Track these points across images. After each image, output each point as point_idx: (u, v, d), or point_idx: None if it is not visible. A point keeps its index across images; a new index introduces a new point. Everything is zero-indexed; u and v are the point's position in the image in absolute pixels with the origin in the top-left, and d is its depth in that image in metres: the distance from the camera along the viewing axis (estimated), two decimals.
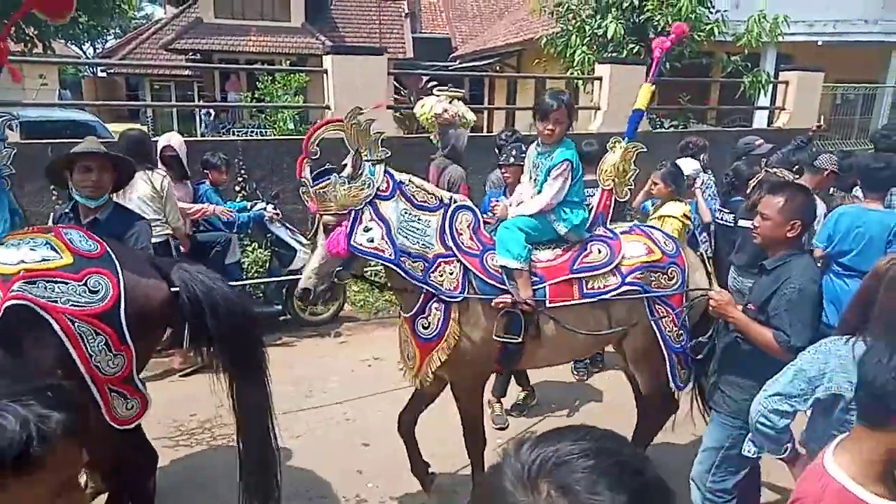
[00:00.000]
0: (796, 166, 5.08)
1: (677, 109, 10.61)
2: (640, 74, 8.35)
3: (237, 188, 6.41)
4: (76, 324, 2.37)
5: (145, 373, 2.78)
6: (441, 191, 3.13)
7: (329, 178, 2.84)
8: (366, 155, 2.89)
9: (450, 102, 4.97)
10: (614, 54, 9.37)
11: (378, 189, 2.90)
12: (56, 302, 2.36)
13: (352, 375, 5.06)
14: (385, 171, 2.94)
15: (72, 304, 2.38)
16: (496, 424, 4.36)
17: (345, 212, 2.86)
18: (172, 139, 5.33)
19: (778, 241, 2.66)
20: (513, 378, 4.53)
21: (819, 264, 3.76)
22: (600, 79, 8.53)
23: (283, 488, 3.56)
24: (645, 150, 3.64)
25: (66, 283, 2.40)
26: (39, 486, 0.93)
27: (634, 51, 9.52)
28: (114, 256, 2.56)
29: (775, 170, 4.72)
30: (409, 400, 3.43)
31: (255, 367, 2.86)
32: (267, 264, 6.11)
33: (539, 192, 3.18)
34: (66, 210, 3.35)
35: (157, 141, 5.41)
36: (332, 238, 2.86)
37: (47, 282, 2.37)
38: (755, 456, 2.47)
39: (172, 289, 2.72)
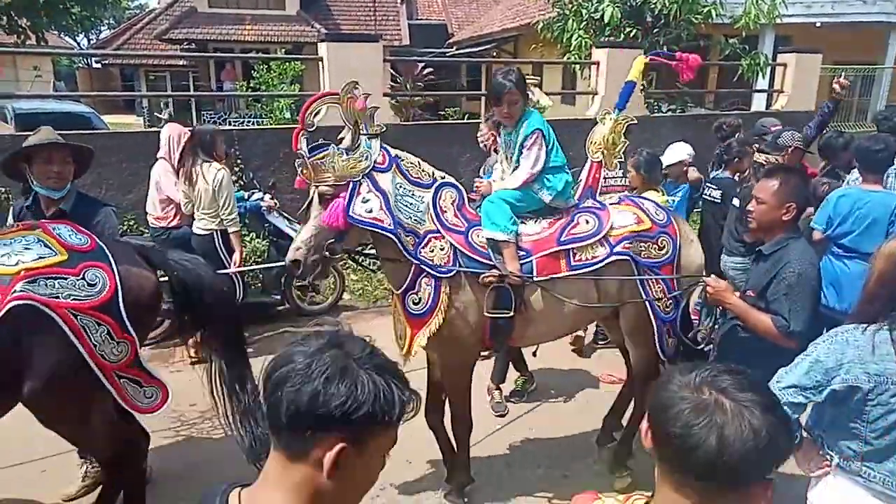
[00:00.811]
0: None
1: (675, 93, 10.55)
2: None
3: (234, 178, 6.38)
4: (79, 317, 2.45)
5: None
6: (436, 171, 3.11)
7: (327, 150, 2.83)
8: (362, 129, 2.88)
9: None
10: (611, 38, 9.31)
11: (375, 162, 2.90)
12: (58, 298, 2.42)
13: None
14: (381, 146, 2.95)
15: (73, 299, 2.45)
16: (496, 412, 4.37)
17: (342, 183, 2.84)
18: (180, 130, 5.34)
19: (774, 224, 2.65)
20: (511, 365, 4.54)
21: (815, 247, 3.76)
22: (598, 63, 8.48)
23: None
24: (635, 122, 3.63)
25: (66, 279, 2.45)
26: (387, 444, 1.10)
27: (632, 34, 9.46)
28: (105, 249, 2.63)
29: (765, 156, 4.70)
30: (426, 395, 3.34)
31: (242, 347, 3.02)
32: (265, 254, 6.11)
33: (517, 166, 3.17)
34: (27, 203, 3.29)
35: (159, 132, 5.40)
36: (330, 210, 2.84)
37: (47, 279, 2.42)
38: None
39: (162, 276, 2.88)
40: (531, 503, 3.46)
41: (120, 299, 2.55)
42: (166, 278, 2.99)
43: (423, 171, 3.05)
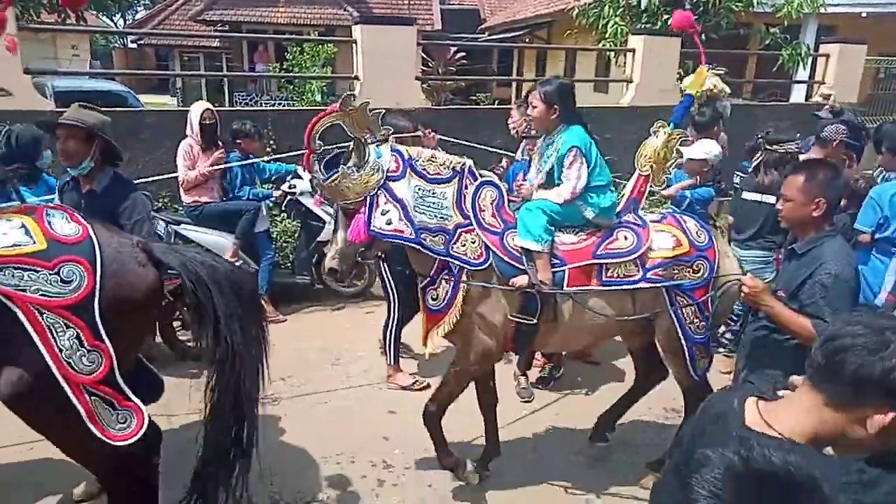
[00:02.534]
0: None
1: None
2: (676, 46, 8.17)
3: (267, 158, 6.45)
4: (45, 315, 2.19)
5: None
6: (452, 158, 3.06)
7: (337, 171, 2.83)
8: (369, 138, 2.87)
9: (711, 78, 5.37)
10: (648, 25, 9.14)
11: (388, 171, 2.88)
12: (25, 291, 2.18)
13: (378, 344, 5.10)
14: (393, 151, 2.92)
15: (41, 294, 2.19)
16: (522, 398, 4.37)
17: (360, 199, 2.86)
18: (205, 108, 5.41)
19: (804, 222, 2.55)
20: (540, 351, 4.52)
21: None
22: (633, 51, 8.34)
23: (313, 451, 3.65)
24: (690, 139, 3.50)
25: (37, 272, 2.21)
26: None
27: (669, 22, 9.26)
28: (96, 242, 2.36)
29: (775, 146, 4.50)
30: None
31: (259, 348, 2.67)
32: (296, 234, 6.16)
33: (558, 183, 3.14)
34: (68, 179, 3.36)
35: (188, 110, 5.48)
36: (352, 227, 2.88)
37: (15, 268, 2.19)
38: None
39: (171, 272, 2.54)
40: (558, 490, 3.46)
41: (96, 301, 2.26)
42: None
43: (440, 165, 3.00)
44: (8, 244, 2.24)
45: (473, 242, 2.97)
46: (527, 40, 19.31)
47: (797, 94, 11.12)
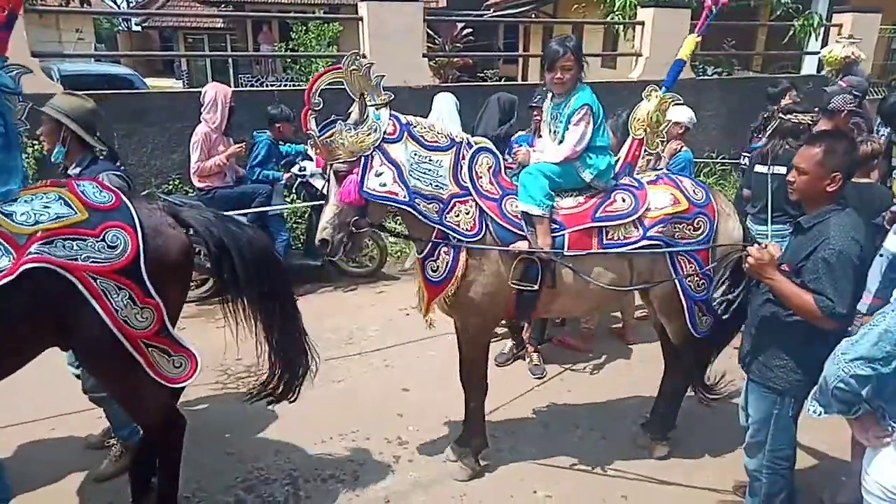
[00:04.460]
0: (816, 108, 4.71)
1: (722, 55, 10.20)
2: (685, 19, 8.05)
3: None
4: (98, 280, 2.35)
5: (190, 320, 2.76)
6: (452, 128, 3.04)
7: (334, 127, 2.81)
8: (369, 100, 2.84)
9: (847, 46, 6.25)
10: None
11: (385, 133, 2.86)
12: (76, 260, 2.32)
13: (390, 324, 5.15)
14: (391, 115, 2.90)
15: (92, 261, 2.34)
16: (534, 374, 4.41)
17: (354, 159, 2.83)
18: (231, 91, 5.46)
19: (817, 196, 2.49)
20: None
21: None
22: (642, 23, 8.24)
23: (329, 429, 3.71)
24: (681, 101, 3.50)
25: (84, 240, 2.35)
26: None
27: None
28: (131, 207, 2.49)
29: (790, 115, 4.43)
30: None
31: (287, 300, 2.92)
32: (305, 215, 6.18)
33: (561, 141, 3.11)
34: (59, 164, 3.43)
35: (200, 93, 5.47)
36: (344, 186, 2.84)
37: (64, 240, 2.32)
38: (819, 416, 2.23)
39: (192, 235, 2.72)
40: (569, 464, 3.50)
41: (142, 262, 2.42)
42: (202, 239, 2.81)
43: (438, 133, 2.98)
44: (52, 217, 2.35)
45: (467, 213, 2.96)
46: (533, 16, 19.06)
47: (809, 66, 10.96)
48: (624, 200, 3.11)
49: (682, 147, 4.88)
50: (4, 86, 2.52)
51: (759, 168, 4.46)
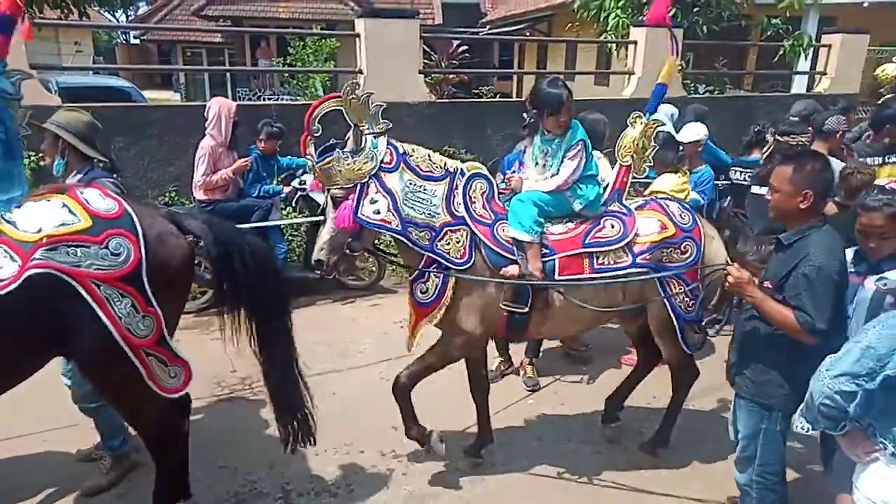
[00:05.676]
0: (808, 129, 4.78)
1: (713, 74, 10.35)
2: (678, 38, 8.14)
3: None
4: (101, 287, 2.35)
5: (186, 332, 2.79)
6: (449, 160, 3.13)
7: (332, 154, 2.88)
8: (366, 128, 2.92)
9: None
10: None
11: (382, 161, 2.93)
12: (79, 266, 2.32)
13: (385, 337, 5.16)
14: (388, 144, 2.97)
15: (95, 268, 2.34)
16: (528, 386, 4.43)
17: (351, 185, 2.91)
18: (235, 105, 5.55)
19: (792, 213, 2.54)
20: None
21: None
22: (635, 43, 8.35)
23: (323, 442, 3.69)
24: (664, 125, 3.58)
25: (88, 247, 2.35)
26: None
27: (671, 14, 9.26)
28: (133, 216, 2.49)
29: (787, 137, 4.48)
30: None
31: (284, 314, 2.93)
32: (302, 228, 6.22)
33: (556, 173, 3.20)
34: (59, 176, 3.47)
35: (198, 106, 5.52)
36: (339, 212, 2.93)
37: (69, 247, 2.33)
38: (807, 433, 2.28)
39: (195, 241, 2.74)
40: (562, 477, 3.51)
41: (144, 270, 2.43)
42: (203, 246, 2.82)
43: (433, 163, 3.06)
44: (57, 223, 2.35)
45: (458, 242, 3.03)
46: (527, 34, 19.29)
47: (798, 85, 11.13)
48: (613, 226, 3.19)
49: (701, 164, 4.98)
50: (5, 91, 2.52)
51: (755, 189, 4.50)
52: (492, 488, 3.42)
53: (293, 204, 6.03)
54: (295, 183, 5.77)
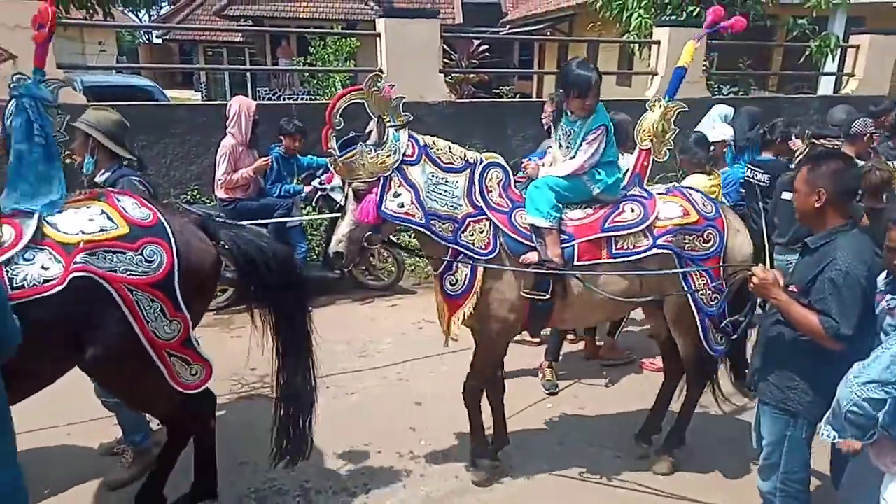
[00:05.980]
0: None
1: (737, 75, 10.21)
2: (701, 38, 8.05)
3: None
4: (134, 292, 2.47)
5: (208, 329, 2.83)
6: (468, 151, 3.11)
7: (355, 148, 2.87)
8: (388, 121, 2.90)
9: None
10: (673, 17, 9.05)
11: (404, 155, 2.92)
12: (115, 272, 2.44)
13: (404, 338, 5.16)
14: (410, 136, 2.96)
15: (129, 274, 2.46)
16: (546, 389, 4.39)
17: (373, 179, 2.89)
18: (255, 104, 5.56)
19: (809, 213, 2.51)
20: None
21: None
22: (658, 43, 8.26)
23: (341, 441, 3.71)
24: (686, 109, 3.52)
25: (124, 253, 2.47)
26: None
27: (694, 13, 9.15)
28: (167, 225, 2.61)
29: (823, 140, 4.40)
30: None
31: (305, 318, 3.00)
32: (321, 227, 6.23)
33: (573, 157, 3.15)
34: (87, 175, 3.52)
35: (219, 105, 5.56)
36: (362, 206, 2.91)
37: (106, 252, 2.44)
38: (834, 441, 2.24)
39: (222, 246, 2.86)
40: (583, 480, 3.48)
41: (176, 278, 2.54)
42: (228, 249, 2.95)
43: (454, 155, 3.04)
44: (97, 229, 2.48)
45: (482, 232, 3.00)
46: (548, 33, 19.20)
47: (825, 87, 10.94)
48: (633, 210, 3.14)
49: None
50: (44, 99, 2.63)
51: (785, 195, 4.42)
52: (512, 490, 3.39)
53: (313, 203, 6.05)
54: (315, 182, 5.79)
